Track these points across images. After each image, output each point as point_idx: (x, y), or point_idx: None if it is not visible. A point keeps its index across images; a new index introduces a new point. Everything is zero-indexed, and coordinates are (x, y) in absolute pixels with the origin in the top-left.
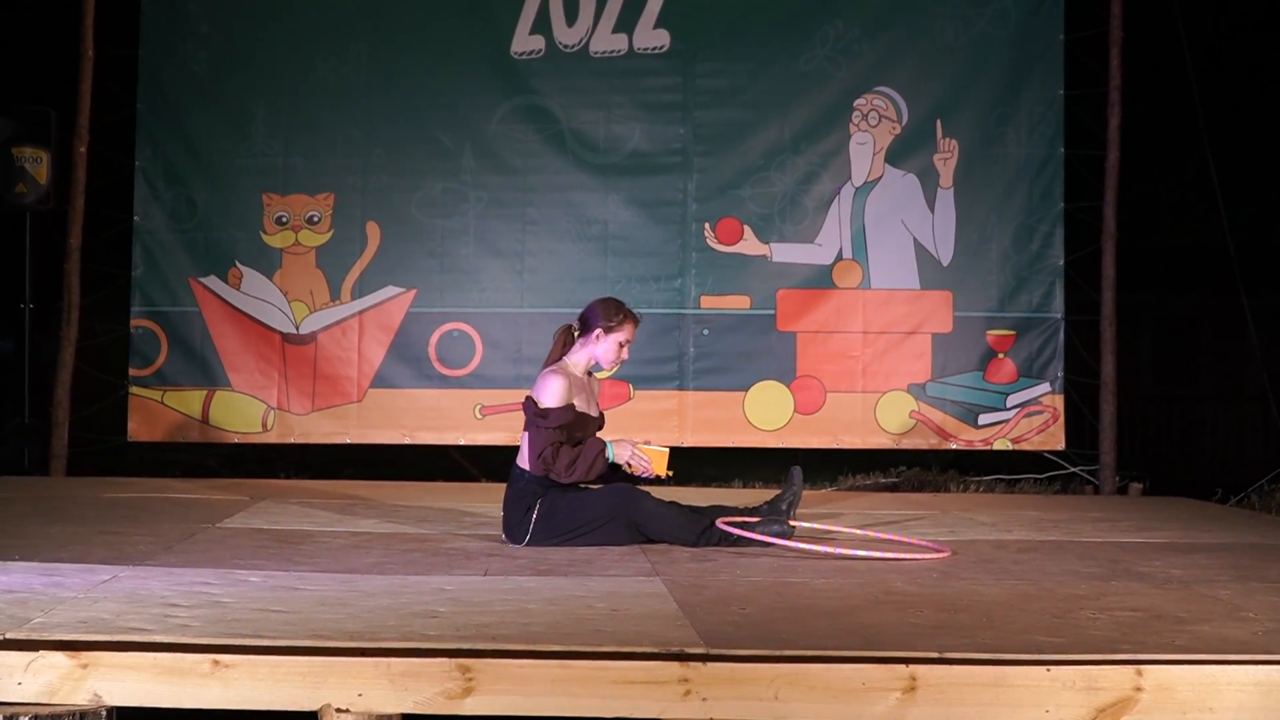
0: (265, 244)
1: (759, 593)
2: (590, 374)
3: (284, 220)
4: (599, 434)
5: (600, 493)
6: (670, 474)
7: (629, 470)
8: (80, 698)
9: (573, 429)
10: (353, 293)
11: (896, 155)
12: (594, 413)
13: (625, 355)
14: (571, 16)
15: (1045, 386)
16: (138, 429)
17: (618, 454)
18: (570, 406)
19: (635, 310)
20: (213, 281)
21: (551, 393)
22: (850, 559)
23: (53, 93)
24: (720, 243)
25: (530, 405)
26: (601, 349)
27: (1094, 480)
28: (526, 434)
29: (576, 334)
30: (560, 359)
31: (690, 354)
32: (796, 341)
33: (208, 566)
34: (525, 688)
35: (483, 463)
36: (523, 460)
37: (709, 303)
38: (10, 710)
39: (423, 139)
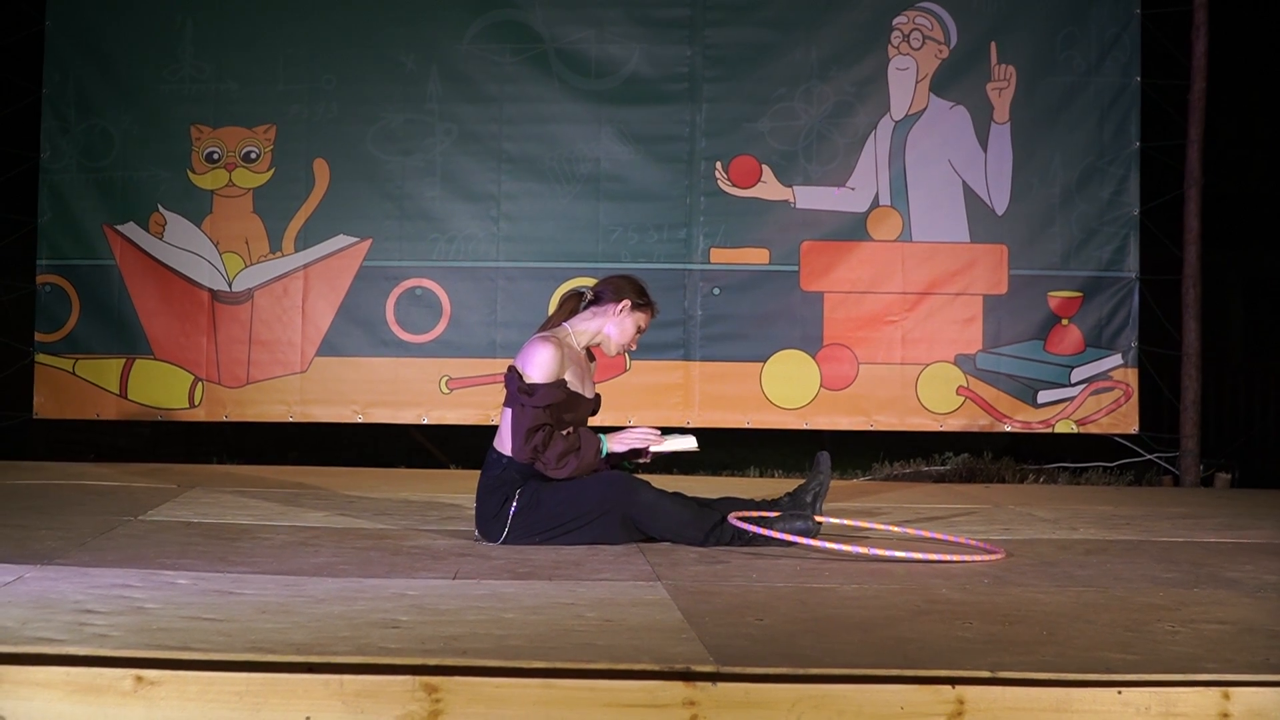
0: (193, 185)
1: (778, 601)
2: (588, 349)
3: (216, 157)
4: (591, 420)
5: (591, 482)
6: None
7: (638, 456)
8: None
9: (562, 409)
10: (296, 243)
11: (943, 84)
12: (589, 393)
13: (635, 345)
14: None
15: (1117, 358)
16: (45, 404)
17: (613, 448)
18: (561, 383)
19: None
20: (131, 230)
21: (539, 363)
22: (887, 561)
23: None
24: (734, 185)
25: (514, 377)
26: (619, 326)
27: (1174, 469)
28: (506, 410)
29: (588, 301)
30: (561, 325)
31: (698, 317)
32: (824, 303)
33: (129, 566)
34: (501, 711)
35: (451, 445)
36: (500, 443)
37: (720, 257)
38: None
39: (380, 61)
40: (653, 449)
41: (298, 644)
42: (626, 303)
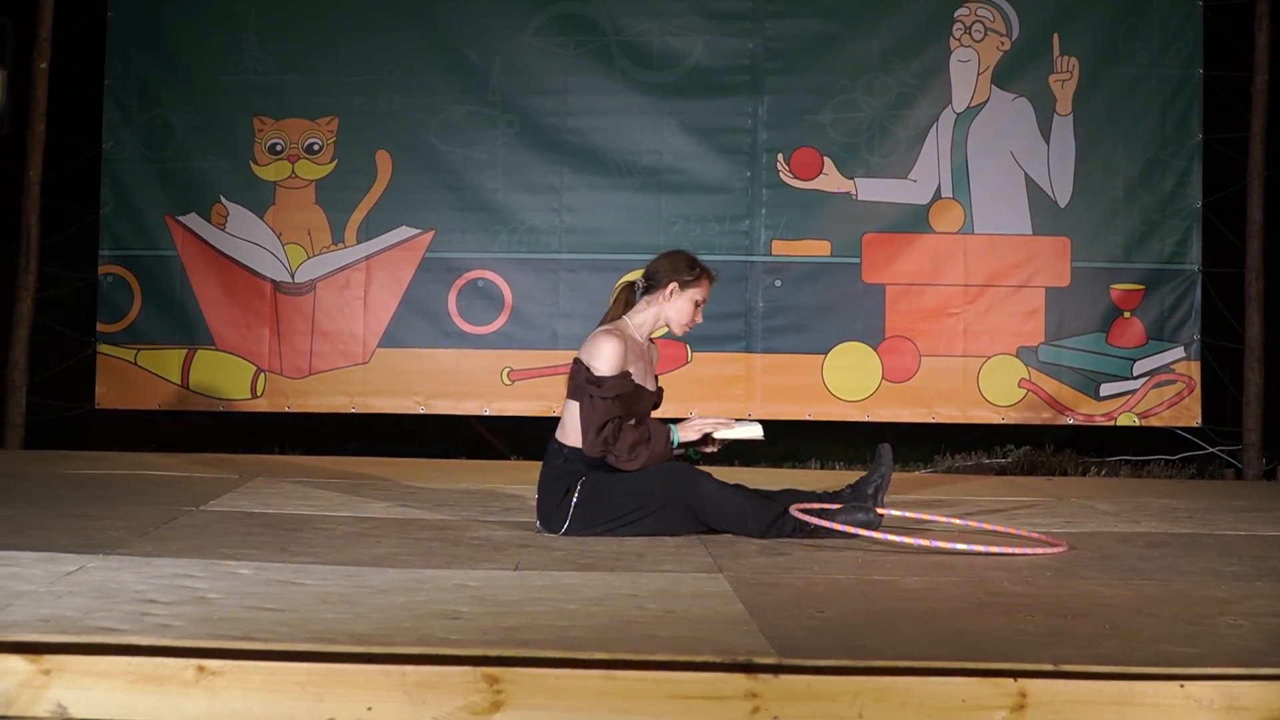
0: (256, 176)
1: (840, 593)
2: (651, 340)
3: (278, 149)
4: (655, 414)
5: (653, 473)
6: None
7: (705, 445)
8: (41, 709)
9: (628, 402)
10: (359, 234)
11: (1005, 76)
12: (651, 385)
13: (699, 317)
14: None
15: (1179, 351)
16: (107, 394)
17: (683, 437)
18: (626, 375)
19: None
20: (193, 220)
21: (605, 355)
22: (948, 554)
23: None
24: (796, 177)
25: (580, 370)
26: (674, 308)
27: (1236, 462)
28: (570, 402)
29: (641, 291)
30: (620, 318)
31: (759, 309)
32: (885, 295)
33: (190, 556)
34: (563, 702)
35: (512, 437)
36: (563, 434)
37: (782, 248)
38: None
39: (443, 53)
40: (718, 435)
41: (359, 634)
42: (674, 284)
